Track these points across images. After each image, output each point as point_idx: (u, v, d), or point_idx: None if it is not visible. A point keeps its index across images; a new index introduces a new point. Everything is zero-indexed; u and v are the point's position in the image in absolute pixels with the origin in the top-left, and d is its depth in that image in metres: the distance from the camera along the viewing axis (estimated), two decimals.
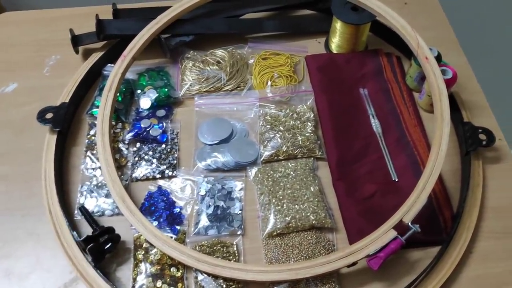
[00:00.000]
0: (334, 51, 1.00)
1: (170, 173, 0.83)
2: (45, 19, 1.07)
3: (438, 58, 0.88)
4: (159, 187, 0.82)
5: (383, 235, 0.70)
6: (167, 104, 0.91)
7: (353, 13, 0.93)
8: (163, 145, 0.86)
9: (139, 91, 0.91)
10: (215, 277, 0.71)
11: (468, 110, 0.91)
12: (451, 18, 1.08)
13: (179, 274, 0.73)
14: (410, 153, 0.85)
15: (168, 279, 0.72)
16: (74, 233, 0.74)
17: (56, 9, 1.09)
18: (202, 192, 0.81)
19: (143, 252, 0.74)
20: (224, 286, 0.71)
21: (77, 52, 0.98)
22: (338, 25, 0.94)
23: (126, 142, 0.87)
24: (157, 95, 0.90)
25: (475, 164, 0.83)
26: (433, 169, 0.74)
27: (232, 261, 0.74)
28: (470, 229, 0.77)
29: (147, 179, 0.83)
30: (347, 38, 0.95)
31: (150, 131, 0.86)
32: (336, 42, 0.98)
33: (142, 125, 0.87)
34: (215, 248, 0.75)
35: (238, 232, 0.77)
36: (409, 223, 0.71)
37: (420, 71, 0.89)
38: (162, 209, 0.79)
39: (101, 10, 1.00)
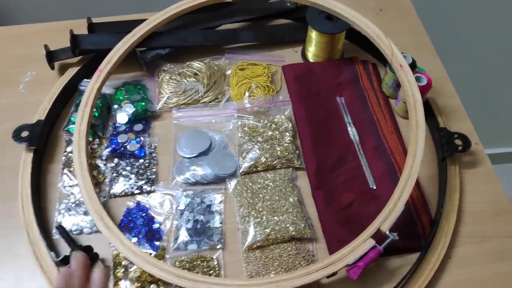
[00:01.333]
0: (311, 60, 1.00)
1: (148, 188, 0.83)
2: (20, 35, 1.06)
3: (413, 65, 0.89)
4: (138, 203, 0.81)
5: (361, 244, 0.71)
6: (144, 118, 0.91)
7: (328, 22, 0.94)
8: (141, 160, 0.85)
9: (116, 106, 0.91)
10: None
11: (444, 115, 0.92)
12: (426, 23, 1.09)
13: None
14: (388, 161, 0.85)
15: None
16: (52, 253, 0.73)
17: (30, 25, 1.08)
18: (181, 207, 0.80)
19: (123, 270, 0.74)
20: None
21: (52, 67, 0.97)
22: (313, 34, 0.95)
23: (104, 158, 0.86)
24: (134, 109, 0.90)
25: (451, 169, 0.84)
26: (409, 177, 0.74)
27: (213, 275, 0.74)
28: (448, 235, 0.78)
29: (126, 195, 0.82)
30: (322, 47, 0.96)
31: (128, 146, 0.86)
32: (312, 51, 0.98)
33: (119, 140, 0.86)
34: (195, 263, 0.75)
35: (218, 246, 0.77)
36: (387, 232, 0.71)
37: (395, 78, 0.90)
38: (141, 225, 0.78)
39: (76, 25, 1.00)
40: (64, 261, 0.71)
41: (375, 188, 0.83)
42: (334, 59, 0.99)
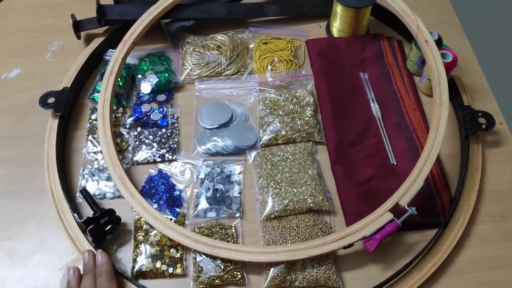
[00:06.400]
0: (335, 35, 0.99)
1: (170, 157, 0.84)
2: (48, 5, 1.08)
3: (439, 42, 0.87)
4: (160, 171, 0.83)
5: (379, 217, 0.71)
6: (167, 88, 0.92)
7: None
8: (164, 129, 0.87)
9: (140, 76, 0.92)
10: (214, 258, 0.72)
11: (469, 94, 0.91)
12: (454, 1, 1.07)
13: (178, 255, 0.74)
14: (409, 137, 0.85)
15: (167, 260, 0.73)
16: (75, 215, 0.75)
17: None
18: (202, 176, 0.82)
19: (143, 234, 0.76)
20: (222, 266, 0.72)
21: (79, 37, 0.98)
22: (338, 9, 0.94)
23: (127, 126, 0.88)
24: (157, 79, 0.91)
25: (474, 148, 0.83)
26: (430, 153, 0.74)
27: (230, 242, 0.75)
28: (468, 213, 0.77)
29: (148, 162, 0.84)
30: (348, 22, 0.95)
31: (151, 116, 0.87)
32: (337, 26, 0.98)
33: (142, 110, 0.88)
34: (213, 230, 0.76)
35: (237, 215, 0.78)
36: (406, 206, 0.71)
37: (421, 55, 0.89)
38: (162, 192, 0.80)
39: None
40: (86, 223, 0.73)
41: (395, 164, 0.83)
42: (358, 35, 0.98)
